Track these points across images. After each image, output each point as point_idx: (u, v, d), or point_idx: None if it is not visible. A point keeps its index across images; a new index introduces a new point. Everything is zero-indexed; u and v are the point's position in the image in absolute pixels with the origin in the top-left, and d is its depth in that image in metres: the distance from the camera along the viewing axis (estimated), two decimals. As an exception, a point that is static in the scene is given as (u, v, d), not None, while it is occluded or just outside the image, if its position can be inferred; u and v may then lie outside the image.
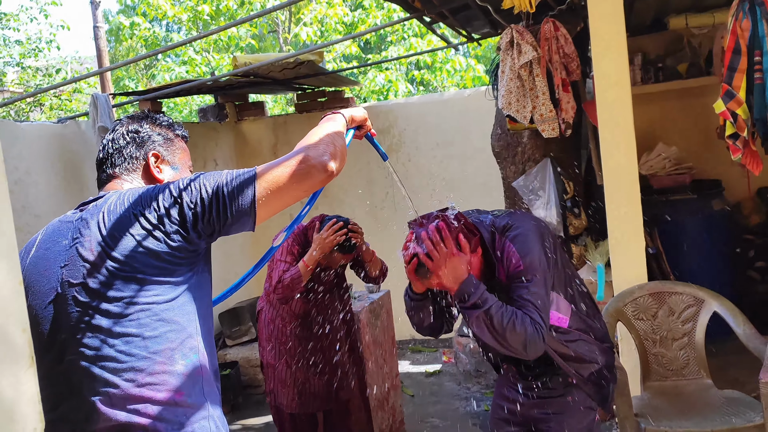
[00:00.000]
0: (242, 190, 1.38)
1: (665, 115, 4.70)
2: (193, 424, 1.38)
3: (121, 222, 1.36)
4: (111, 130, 1.62)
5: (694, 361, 2.99)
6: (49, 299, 1.38)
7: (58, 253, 1.40)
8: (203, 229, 1.38)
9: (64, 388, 1.35)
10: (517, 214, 2.12)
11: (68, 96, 12.30)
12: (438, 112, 5.65)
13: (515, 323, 1.87)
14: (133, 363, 1.33)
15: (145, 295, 1.35)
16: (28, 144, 3.81)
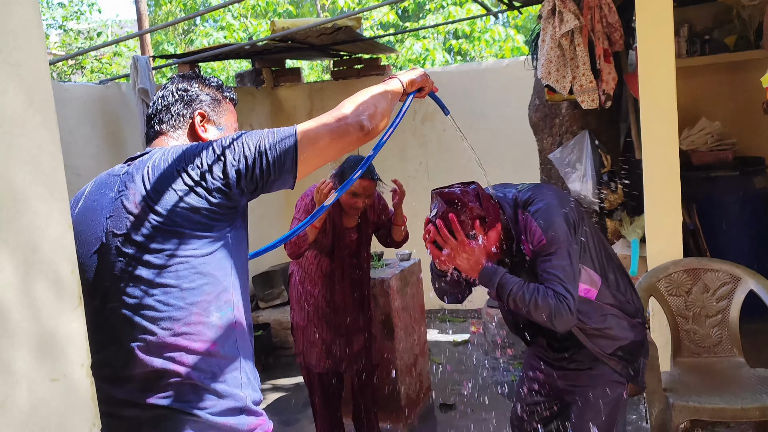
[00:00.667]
0: (284, 148, 1.42)
1: (710, 90, 4.57)
2: (225, 375, 1.42)
3: (164, 177, 1.40)
4: (162, 87, 1.65)
5: (727, 339, 2.96)
6: (94, 248, 1.43)
7: (104, 205, 1.44)
8: (246, 186, 1.42)
9: (106, 335, 1.41)
10: (540, 187, 2.10)
11: (108, 59, 12.47)
12: (475, 81, 5.58)
13: (537, 299, 1.90)
14: (170, 313, 1.38)
15: (185, 248, 1.38)
16: (71, 105, 3.89)
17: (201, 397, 1.39)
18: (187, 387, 1.39)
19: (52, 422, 0.76)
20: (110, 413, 1.39)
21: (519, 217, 2.02)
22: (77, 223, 1.46)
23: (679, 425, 2.65)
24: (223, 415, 1.41)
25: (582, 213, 2.10)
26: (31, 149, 0.77)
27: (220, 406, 1.41)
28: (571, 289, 1.93)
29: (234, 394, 1.43)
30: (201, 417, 1.39)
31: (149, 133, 1.61)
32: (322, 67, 12.17)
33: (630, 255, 3.88)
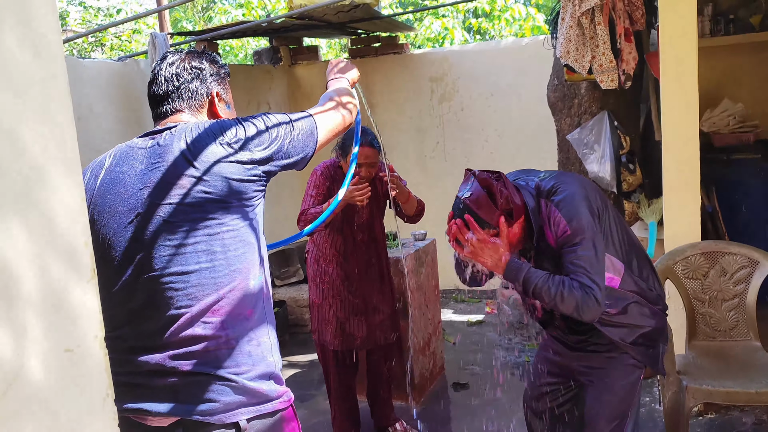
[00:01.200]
0: (308, 135, 1.61)
1: (733, 70, 4.48)
2: (259, 339, 1.50)
3: (209, 150, 1.46)
4: (169, 64, 1.64)
5: (744, 322, 2.94)
6: (128, 219, 1.45)
7: (135, 176, 1.48)
8: (277, 163, 1.54)
9: (137, 304, 1.44)
10: (562, 176, 2.08)
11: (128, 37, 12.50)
12: (494, 60, 5.53)
13: (563, 292, 1.91)
14: (216, 279, 1.44)
15: (231, 217, 1.47)
16: (91, 81, 3.92)
17: (237, 362, 1.45)
18: (225, 352, 1.44)
19: (66, 393, 0.78)
20: (142, 383, 1.43)
21: (542, 206, 2.00)
22: (103, 194, 1.49)
23: (692, 408, 2.65)
24: (257, 380, 1.47)
25: (606, 200, 2.08)
26: (46, 123, 0.78)
27: (255, 372, 1.47)
28: (598, 279, 1.92)
29: (266, 359, 1.50)
30: (238, 382, 1.44)
31: (165, 110, 1.61)
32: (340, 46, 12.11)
33: (647, 237, 3.85)
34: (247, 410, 1.45)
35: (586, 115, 4.27)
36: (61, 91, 0.78)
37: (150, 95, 1.64)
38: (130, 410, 1.44)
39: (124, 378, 1.43)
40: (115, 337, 1.44)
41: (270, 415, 1.49)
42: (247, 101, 5.36)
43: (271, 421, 1.49)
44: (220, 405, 1.42)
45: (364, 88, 6.47)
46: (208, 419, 1.42)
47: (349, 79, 1.90)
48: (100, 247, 1.47)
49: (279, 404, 1.51)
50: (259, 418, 1.47)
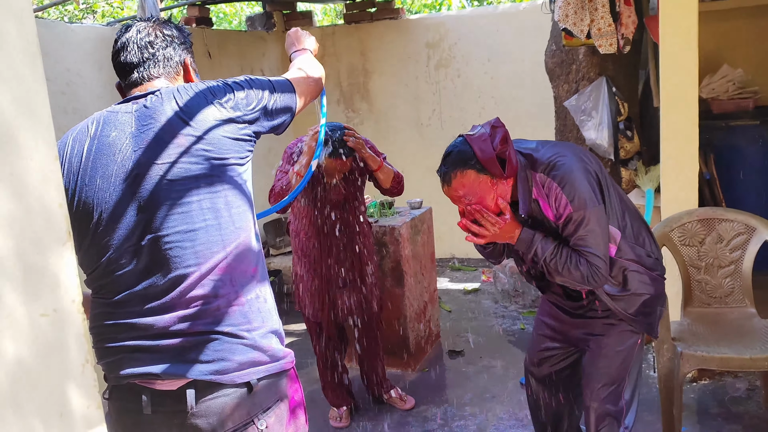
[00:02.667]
0: (289, 97, 1.65)
1: (734, 35, 4.41)
2: (265, 295, 1.53)
3: (202, 109, 1.48)
4: (138, 31, 1.60)
5: (739, 289, 2.93)
6: (125, 181, 1.43)
7: (126, 140, 1.46)
8: (261, 123, 1.57)
9: (143, 265, 1.42)
10: (558, 147, 2.05)
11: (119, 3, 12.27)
12: (491, 25, 5.43)
13: (570, 267, 1.95)
14: (223, 236, 1.44)
15: (231, 174, 1.48)
16: (79, 46, 3.84)
17: (248, 319, 1.47)
18: (235, 309, 1.45)
19: (44, 358, 0.76)
20: (149, 346, 1.42)
21: (537, 178, 1.98)
22: (93, 160, 1.46)
23: (686, 374, 2.65)
24: (267, 336, 1.50)
25: (602, 167, 2.06)
26: (14, 81, 0.74)
27: (265, 328, 1.49)
28: (602, 254, 1.95)
29: (272, 315, 1.54)
30: (249, 339, 1.45)
31: (140, 76, 1.58)
32: (335, 12, 11.92)
33: (644, 205, 3.83)
34: (257, 370, 1.46)
35: (584, 81, 4.21)
36: (29, 49, 0.74)
37: (119, 63, 1.59)
38: (137, 375, 1.43)
39: (130, 343, 1.43)
40: (119, 302, 1.44)
41: (277, 375, 1.51)
42: (240, 67, 5.28)
43: (279, 380, 1.52)
44: (233, 364, 1.43)
45: (359, 54, 6.38)
46: (220, 379, 1.42)
47: (311, 50, 1.95)
48: (95, 213, 1.44)
49: (285, 364, 1.54)
50: (268, 378, 1.49)
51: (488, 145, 1.91)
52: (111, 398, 1.50)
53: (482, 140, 1.93)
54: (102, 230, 1.44)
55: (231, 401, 1.43)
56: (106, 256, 1.44)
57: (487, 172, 1.94)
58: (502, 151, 1.92)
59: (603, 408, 2.16)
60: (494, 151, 1.92)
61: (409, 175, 5.77)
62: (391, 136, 5.87)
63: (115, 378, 1.46)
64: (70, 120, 3.66)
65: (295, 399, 1.58)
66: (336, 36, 5.91)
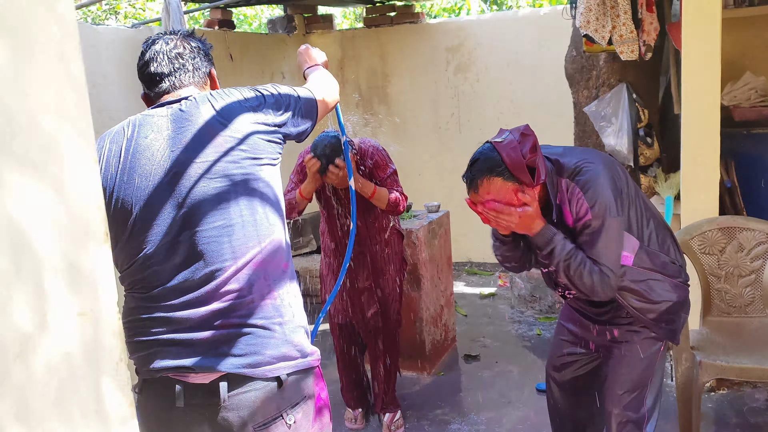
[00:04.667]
0: (312, 106, 1.72)
1: (758, 43, 4.37)
2: (295, 291, 1.59)
3: (237, 112, 1.55)
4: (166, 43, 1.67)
5: (760, 299, 2.91)
6: (165, 179, 1.48)
7: (164, 141, 1.51)
8: (288, 128, 1.64)
9: (179, 260, 1.47)
10: (585, 153, 2.03)
11: (143, 5, 12.40)
12: (511, 30, 5.44)
13: (583, 272, 1.92)
14: (258, 231, 1.50)
15: (266, 174, 1.55)
16: (104, 48, 3.90)
17: (281, 313, 1.51)
18: (268, 302, 1.49)
19: (78, 356, 0.78)
20: (183, 340, 1.45)
21: (562, 185, 1.97)
22: (132, 161, 1.51)
23: (705, 383, 2.64)
24: (297, 332, 1.54)
25: (628, 176, 2.05)
26: (59, 85, 0.77)
27: (295, 323, 1.54)
28: (614, 267, 1.94)
29: (301, 312, 1.58)
30: (281, 332, 1.49)
31: (173, 83, 1.63)
32: (355, 15, 11.96)
33: (663, 212, 3.81)
34: (288, 365, 1.50)
35: (604, 87, 4.20)
36: (74, 52, 0.77)
37: (149, 74, 1.64)
38: (170, 368, 1.46)
39: (165, 336, 1.46)
40: (154, 296, 1.48)
41: (305, 372, 1.55)
42: (261, 71, 5.32)
43: (306, 377, 1.56)
44: (265, 357, 1.47)
45: (379, 57, 6.41)
46: (252, 372, 1.45)
47: (321, 64, 2.02)
48: (134, 211, 1.49)
49: (312, 361, 1.58)
50: (297, 374, 1.53)
51: (517, 153, 1.89)
52: (142, 392, 1.53)
53: (511, 147, 1.90)
54: (140, 227, 1.48)
55: (261, 395, 1.46)
56: (143, 252, 1.48)
57: (515, 179, 1.90)
58: (531, 159, 1.89)
59: (624, 415, 2.15)
60: (524, 159, 1.88)
61: (427, 178, 5.81)
62: (409, 140, 5.88)
63: (147, 372, 1.49)
64: (95, 120, 3.67)
65: (321, 397, 1.62)
66: (356, 39, 5.94)
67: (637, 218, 2.04)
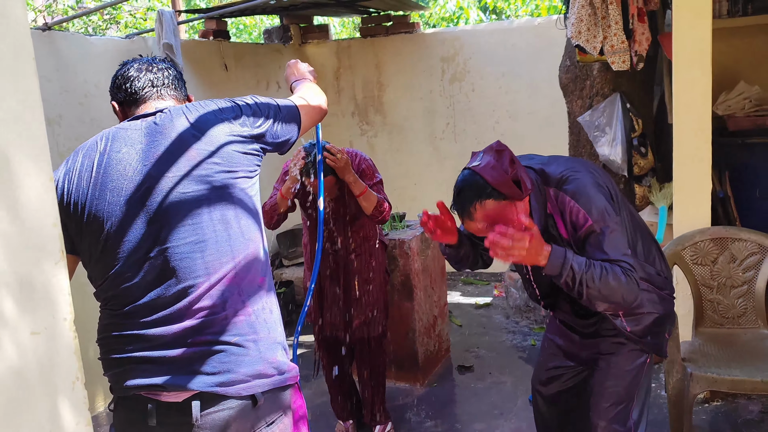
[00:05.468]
0: (294, 118, 1.70)
1: (751, 52, 4.37)
2: (271, 307, 1.55)
3: (212, 124, 1.53)
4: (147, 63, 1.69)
5: (752, 310, 2.89)
6: (136, 194, 1.46)
7: (137, 155, 1.49)
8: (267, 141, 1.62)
9: (152, 277, 1.45)
10: (569, 162, 2.01)
11: (143, 15, 12.45)
12: (506, 40, 5.44)
13: (608, 276, 1.80)
14: (233, 246, 1.47)
15: (241, 187, 1.52)
16: (97, 58, 3.90)
17: (255, 329, 1.48)
18: (242, 320, 1.47)
19: (32, 375, 0.77)
20: (156, 358, 1.43)
21: (550, 193, 1.94)
22: (103, 175, 1.49)
23: (696, 395, 2.62)
24: (273, 349, 1.51)
25: (613, 184, 2.04)
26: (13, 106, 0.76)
27: (270, 340, 1.51)
28: (632, 262, 1.87)
29: (277, 327, 1.55)
30: (255, 350, 1.47)
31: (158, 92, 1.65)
32: (353, 24, 12.00)
33: (657, 222, 3.80)
34: (263, 383, 1.48)
35: (598, 96, 4.19)
36: (26, 68, 0.76)
37: (126, 90, 1.64)
38: (142, 387, 1.44)
39: (137, 354, 1.44)
40: (127, 313, 1.46)
41: (282, 389, 1.53)
42: (256, 80, 5.33)
43: (283, 394, 1.53)
44: (239, 375, 1.44)
45: (374, 67, 6.40)
46: (225, 391, 1.43)
47: (310, 79, 2.02)
48: (105, 226, 1.47)
49: (290, 378, 1.55)
50: (272, 392, 1.50)
51: (499, 170, 1.86)
52: (116, 410, 1.51)
53: (491, 167, 1.87)
54: (112, 243, 1.47)
55: (235, 414, 1.44)
56: (115, 268, 1.46)
57: (505, 197, 1.85)
58: (514, 173, 1.87)
59: (611, 428, 2.13)
60: (507, 174, 1.86)
61: (422, 188, 5.81)
62: (405, 149, 5.88)
63: (121, 389, 1.47)
64: (87, 129, 3.72)
65: (299, 413, 1.59)
66: (352, 49, 5.95)
67: (625, 226, 2.03)
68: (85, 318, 1.58)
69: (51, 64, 3.62)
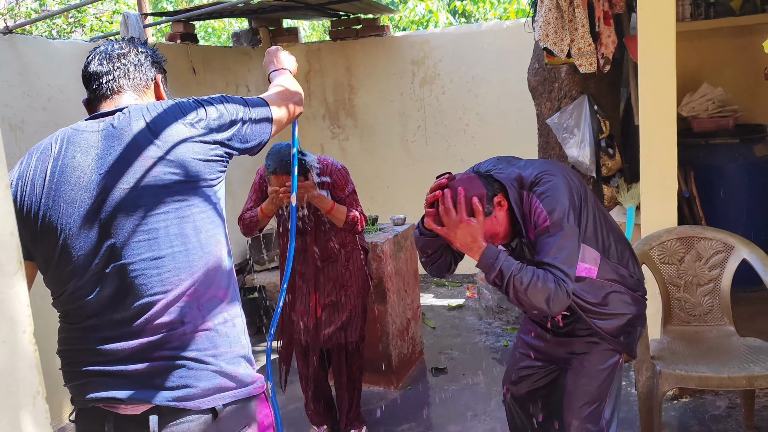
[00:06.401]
0: (265, 119, 1.60)
1: (713, 54, 4.47)
2: (234, 320, 1.50)
3: (170, 129, 1.43)
4: (111, 45, 1.60)
5: (718, 307, 2.95)
6: (91, 206, 1.39)
7: (92, 162, 1.41)
8: (234, 145, 1.53)
9: (110, 292, 1.40)
10: (546, 165, 2.03)
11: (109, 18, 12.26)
12: (475, 43, 5.47)
13: (537, 283, 1.83)
14: (191, 261, 1.41)
15: (199, 197, 1.44)
16: (61, 62, 3.83)
17: (215, 344, 1.44)
18: (202, 335, 1.42)
19: (-9, 390, 0.74)
20: (114, 372, 1.40)
21: (524, 198, 1.96)
22: (57, 183, 1.42)
23: (666, 392, 2.65)
24: (234, 362, 1.46)
25: (586, 187, 2.05)
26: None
27: (232, 353, 1.46)
28: (571, 273, 1.88)
29: (240, 340, 1.50)
30: (215, 365, 1.42)
31: (107, 87, 1.54)
32: (323, 27, 11.97)
33: (626, 222, 3.85)
34: (223, 395, 1.43)
35: (566, 99, 4.24)
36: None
37: (88, 74, 1.56)
38: (101, 399, 1.41)
39: (97, 367, 1.41)
40: (86, 327, 1.42)
41: (245, 400, 1.48)
42: (225, 83, 5.28)
43: (246, 406, 1.49)
44: (198, 390, 1.40)
45: (345, 70, 6.38)
46: (184, 405, 1.40)
47: (290, 70, 1.91)
48: (60, 238, 1.41)
49: (254, 389, 1.50)
50: (235, 404, 1.46)
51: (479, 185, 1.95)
52: (77, 421, 1.48)
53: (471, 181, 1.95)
54: (66, 256, 1.41)
55: (196, 427, 1.40)
56: (72, 282, 1.41)
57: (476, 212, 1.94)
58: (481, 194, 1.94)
59: (584, 427, 2.15)
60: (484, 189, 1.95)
61: (394, 190, 5.81)
62: (377, 152, 5.88)
63: (81, 401, 1.44)
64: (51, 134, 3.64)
65: (265, 423, 1.55)
66: (322, 52, 5.94)
67: (597, 230, 2.04)
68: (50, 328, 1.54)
69: (13, 69, 3.54)
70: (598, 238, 2.04)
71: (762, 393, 3.20)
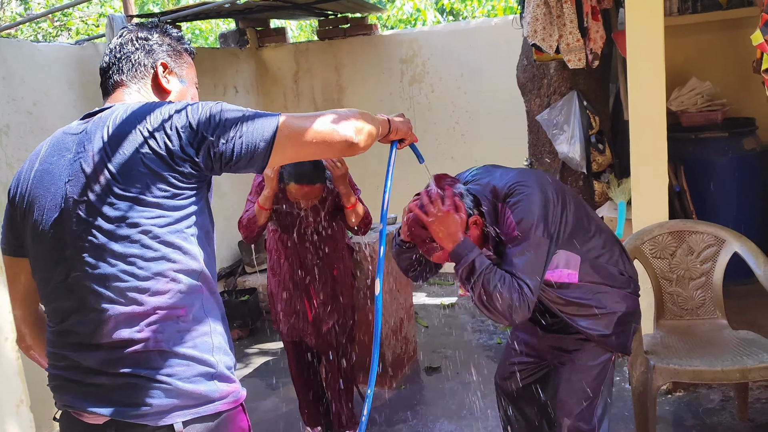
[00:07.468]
0: (261, 135, 1.37)
1: (701, 49, 4.48)
2: (195, 339, 1.39)
3: (127, 139, 1.32)
4: (118, 35, 1.55)
5: (711, 301, 2.95)
6: (54, 215, 1.37)
7: (62, 168, 1.38)
8: (214, 163, 1.37)
9: (72, 303, 1.37)
10: (521, 176, 2.00)
11: (94, 21, 12.18)
12: (464, 41, 5.47)
13: (503, 289, 1.82)
14: (136, 283, 1.33)
15: (148, 216, 1.33)
16: (46, 65, 3.79)
17: (170, 364, 1.37)
18: (155, 354, 1.36)
19: (-28, 399, 0.72)
20: (78, 380, 1.38)
21: (498, 209, 1.95)
22: (34, 186, 1.41)
23: (660, 387, 2.65)
24: (193, 381, 1.38)
25: (566, 192, 2.02)
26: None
27: (190, 372, 1.38)
28: (534, 287, 1.85)
29: (204, 359, 1.40)
30: (170, 384, 1.36)
31: (107, 85, 1.51)
32: (311, 28, 11.93)
33: (617, 218, 3.85)
34: (182, 413, 1.36)
35: (555, 95, 4.24)
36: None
37: (99, 71, 1.54)
38: (68, 405, 1.40)
39: (65, 373, 1.39)
40: (58, 332, 1.40)
41: (212, 417, 1.40)
42: (213, 85, 5.24)
43: (213, 423, 1.40)
44: (152, 408, 1.35)
45: (334, 70, 6.35)
46: (140, 421, 1.35)
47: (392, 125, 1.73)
48: (39, 242, 1.40)
49: (222, 405, 1.41)
50: (199, 421, 1.38)
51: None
52: (60, 421, 1.47)
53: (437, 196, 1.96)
54: (36, 263, 1.42)
55: None
56: (47, 286, 1.41)
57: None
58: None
59: (576, 425, 2.14)
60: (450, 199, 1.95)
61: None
62: (366, 152, 5.84)
63: (57, 403, 1.44)
64: (37, 140, 3.59)
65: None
66: (310, 52, 5.91)
67: (581, 234, 2.02)
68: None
69: (-3, 72, 3.50)
70: (583, 242, 2.03)
71: (755, 385, 3.21)
